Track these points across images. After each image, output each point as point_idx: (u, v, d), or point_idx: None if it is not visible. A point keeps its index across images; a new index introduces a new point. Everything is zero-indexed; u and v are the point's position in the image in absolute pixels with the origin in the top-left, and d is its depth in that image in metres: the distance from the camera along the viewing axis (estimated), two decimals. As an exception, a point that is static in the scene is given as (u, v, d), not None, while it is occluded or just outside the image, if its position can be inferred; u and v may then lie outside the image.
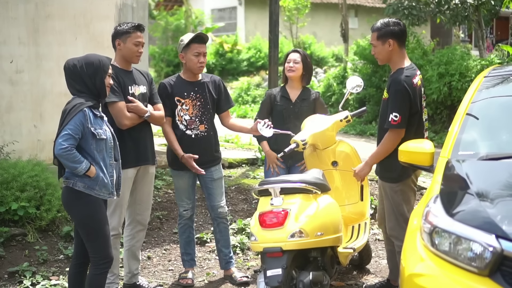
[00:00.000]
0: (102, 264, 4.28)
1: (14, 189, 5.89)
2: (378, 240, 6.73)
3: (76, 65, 4.25)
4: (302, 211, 4.49)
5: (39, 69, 7.46)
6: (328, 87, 16.68)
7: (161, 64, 23.85)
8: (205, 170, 5.38)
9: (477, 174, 3.60)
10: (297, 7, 19.51)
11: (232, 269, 5.59)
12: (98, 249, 4.26)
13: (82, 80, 4.24)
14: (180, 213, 5.53)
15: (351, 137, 13.35)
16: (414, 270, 3.25)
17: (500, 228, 3.04)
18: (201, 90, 5.39)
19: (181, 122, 5.34)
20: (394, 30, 4.70)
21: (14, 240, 5.81)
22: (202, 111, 5.37)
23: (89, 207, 4.21)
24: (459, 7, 13.93)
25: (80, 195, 4.19)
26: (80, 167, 4.10)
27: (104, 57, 4.35)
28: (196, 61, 5.30)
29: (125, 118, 4.86)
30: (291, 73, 5.65)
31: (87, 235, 4.25)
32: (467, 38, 23.09)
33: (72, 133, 4.09)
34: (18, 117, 7.36)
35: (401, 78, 4.63)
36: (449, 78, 12.69)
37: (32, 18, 7.40)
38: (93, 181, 4.19)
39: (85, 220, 4.23)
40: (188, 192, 5.47)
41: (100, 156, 4.24)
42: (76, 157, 4.09)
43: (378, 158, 4.77)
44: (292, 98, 5.68)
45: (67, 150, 4.06)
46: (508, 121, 4.17)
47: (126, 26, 4.94)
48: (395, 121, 4.59)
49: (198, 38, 5.33)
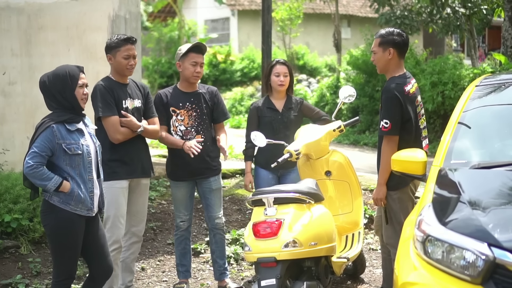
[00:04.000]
0: (63, 281, 4.20)
1: (7, 201, 5.88)
2: (372, 249, 6.73)
3: (45, 81, 4.19)
4: (296, 221, 4.49)
5: (32, 81, 7.44)
6: (321, 97, 16.72)
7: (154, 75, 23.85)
8: (204, 180, 5.40)
9: (469, 183, 3.61)
10: (290, 17, 19.58)
11: (226, 280, 5.57)
12: (61, 265, 4.19)
13: (53, 95, 4.17)
14: (177, 224, 5.50)
15: (345, 147, 13.37)
16: (408, 278, 3.26)
17: (492, 236, 3.06)
18: (197, 101, 5.39)
19: (176, 133, 5.34)
20: (396, 40, 4.75)
21: (7, 252, 5.79)
22: (198, 121, 5.36)
23: (62, 222, 4.13)
24: (451, 16, 14.01)
25: (54, 208, 4.12)
26: (49, 184, 4.03)
27: (73, 67, 4.24)
28: (193, 70, 5.30)
29: (118, 133, 4.86)
30: (283, 87, 5.65)
31: (54, 249, 4.20)
32: (460, 47, 23.23)
33: (38, 150, 4.03)
34: (11, 128, 7.35)
35: (391, 86, 4.68)
36: (442, 87, 12.74)
37: (24, 30, 7.40)
38: (68, 196, 4.11)
39: (56, 235, 4.16)
40: (186, 203, 5.45)
41: (76, 171, 4.15)
42: (44, 174, 4.03)
43: (386, 171, 4.68)
44: (279, 108, 5.68)
45: (33, 168, 4.01)
46: (500, 130, 4.20)
47: (115, 40, 4.92)
48: (386, 127, 4.62)
49: (196, 48, 5.33)
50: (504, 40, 11.51)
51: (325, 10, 22.94)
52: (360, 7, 25.00)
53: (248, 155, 5.71)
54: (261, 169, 5.68)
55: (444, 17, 14.12)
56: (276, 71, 5.64)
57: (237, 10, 24.86)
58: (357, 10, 25.80)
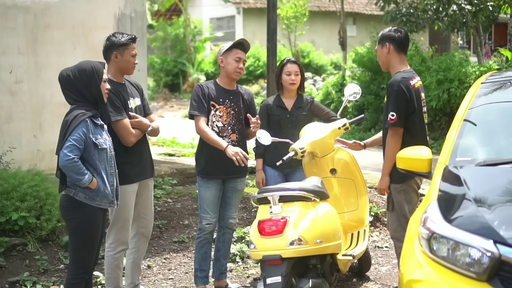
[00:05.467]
0: (81, 274, 4.25)
1: (14, 199, 5.90)
2: (378, 247, 6.73)
3: (69, 75, 4.22)
4: (301, 219, 4.50)
5: (39, 79, 7.49)
6: (327, 95, 16.72)
7: (160, 73, 23.91)
8: (231, 181, 5.29)
9: (474, 180, 3.61)
10: (295, 15, 19.58)
11: (226, 280, 5.52)
12: (82, 259, 4.24)
13: (78, 89, 4.21)
14: (202, 226, 5.28)
15: (351, 145, 13.34)
16: (413, 276, 3.26)
17: (497, 233, 3.06)
18: (236, 100, 5.30)
19: (212, 128, 5.18)
20: (392, 35, 4.89)
21: (14, 250, 5.82)
22: (235, 120, 5.26)
23: (88, 217, 4.20)
24: (457, 13, 13.97)
25: (79, 204, 4.17)
26: (84, 179, 4.07)
27: (96, 62, 4.30)
28: (236, 66, 5.21)
29: (131, 135, 4.76)
30: (294, 86, 5.65)
31: (77, 243, 4.24)
32: (466, 44, 23.15)
33: (76, 143, 4.05)
34: (17, 127, 7.38)
35: (398, 79, 4.78)
36: (448, 85, 12.72)
37: (31, 29, 7.43)
38: (94, 193, 4.17)
39: (80, 229, 4.21)
40: (213, 204, 5.25)
41: (102, 166, 4.22)
42: (81, 169, 4.07)
43: (390, 163, 4.77)
44: (288, 107, 5.68)
45: (72, 161, 4.02)
46: (506, 127, 4.19)
47: (123, 38, 4.80)
48: (392, 119, 4.71)
49: (240, 44, 5.25)
50: (510, 37, 11.50)
51: (331, 8, 22.95)
52: (366, 5, 24.97)
53: (259, 153, 5.68)
54: (268, 167, 5.68)
55: (450, 14, 14.08)
56: (287, 70, 5.63)
57: (242, 8, 24.88)
58: (363, 8, 25.78)
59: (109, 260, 4.87)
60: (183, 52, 24.00)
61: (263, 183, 5.64)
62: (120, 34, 4.89)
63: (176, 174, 8.37)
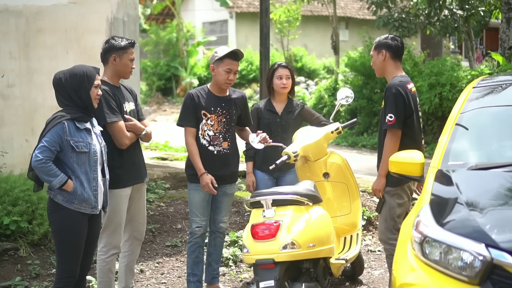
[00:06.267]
0: (65, 278, 4.24)
1: (6, 203, 5.88)
2: (370, 251, 6.74)
3: (61, 78, 4.24)
4: (294, 223, 4.50)
5: (31, 84, 7.47)
6: (320, 99, 16.74)
7: (153, 77, 23.86)
8: (222, 187, 5.24)
9: (467, 184, 3.63)
10: (288, 19, 19.61)
11: (218, 285, 5.50)
12: (65, 263, 4.24)
13: (67, 93, 4.23)
14: (192, 230, 5.27)
15: (343, 149, 13.38)
16: (406, 279, 3.27)
17: (489, 237, 3.07)
18: (228, 107, 5.24)
19: (204, 137, 5.16)
20: (388, 43, 4.96)
21: (6, 255, 5.80)
22: (226, 128, 5.21)
23: (66, 220, 4.19)
24: (448, 18, 14.04)
25: (59, 207, 4.18)
26: (54, 180, 4.08)
27: (90, 67, 4.30)
28: (226, 77, 5.12)
29: (125, 137, 4.76)
30: (285, 90, 5.67)
31: (58, 247, 4.25)
32: (457, 49, 23.28)
33: (48, 145, 4.08)
34: (9, 131, 7.35)
35: (395, 82, 4.84)
36: (439, 89, 12.77)
37: (23, 33, 7.42)
38: (71, 195, 4.17)
39: (60, 232, 4.22)
40: (203, 208, 5.24)
41: (82, 169, 4.20)
42: (51, 170, 4.08)
43: (387, 164, 4.76)
44: (278, 111, 5.70)
45: (41, 162, 4.06)
46: (497, 131, 4.22)
47: (123, 42, 4.81)
48: (390, 121, 4.74)
49: (233, 54, 5.15)
50: (501, 42, 11.54)
51: (323, 12, 22.97)
52: (358, 9, 25.04)
53: (249, 156, 5.71)
54: (257, 170, 5.70)
55: (442, 19, 14.15)
56: (279, 74, 5.66)
57: (235, 13, 24.89)
58: (355, 12, 25.84)
59: (101, 264, 4.87)
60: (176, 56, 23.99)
61: (254, 186, 5.65)
62: (120, 38, 4.90)
63: (169, 178, 8.36)
